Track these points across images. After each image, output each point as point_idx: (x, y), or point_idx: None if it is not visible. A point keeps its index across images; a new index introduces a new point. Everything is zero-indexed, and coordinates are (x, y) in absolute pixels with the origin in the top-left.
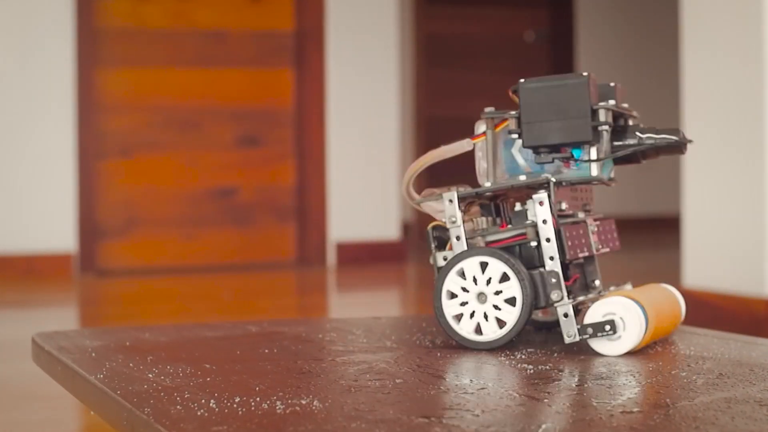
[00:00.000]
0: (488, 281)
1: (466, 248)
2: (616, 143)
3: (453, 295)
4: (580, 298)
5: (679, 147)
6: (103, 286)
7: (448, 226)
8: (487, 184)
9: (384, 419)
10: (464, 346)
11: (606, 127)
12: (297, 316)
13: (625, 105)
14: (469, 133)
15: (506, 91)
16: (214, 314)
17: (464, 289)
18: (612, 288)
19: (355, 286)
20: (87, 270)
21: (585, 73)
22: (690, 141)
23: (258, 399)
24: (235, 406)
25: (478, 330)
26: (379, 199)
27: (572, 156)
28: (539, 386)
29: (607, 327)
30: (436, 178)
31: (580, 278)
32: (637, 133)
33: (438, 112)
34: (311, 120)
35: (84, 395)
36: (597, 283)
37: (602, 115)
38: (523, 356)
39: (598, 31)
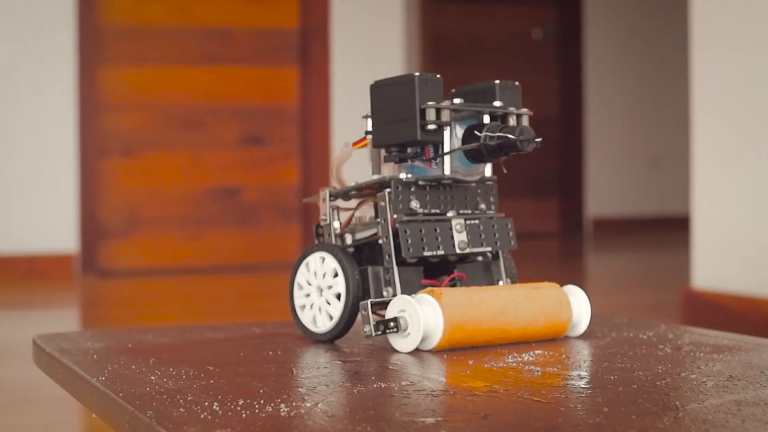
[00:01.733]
0: (323, 275)
1: (322, 243)
2: (464, 142)
3: (300, 287)
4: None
5: (514, 145)
6: (105, 287)
7: (321, 223)
8: (352, 184)
9: (390, 422)
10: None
11: (434, 126)
12: None
13: (498, 103)
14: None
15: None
16: (217, 316)
17: (308, 283)
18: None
19: None
20: (89, 271)
21: (417, 73)
22: (533, 140)
23: (262, 402)
24: (238, 408)
25: (314, 321)
26: None
27: (417, 155)
28: (548, 388)
29: (392, 324)
30: None
31: (476, 278)
32: (476, 132)
33: None
34: (316, 118)
35: (86, 398)
36: (501, 283)
37: (429, 114)
38: (531, 358)
39: (607, 28)
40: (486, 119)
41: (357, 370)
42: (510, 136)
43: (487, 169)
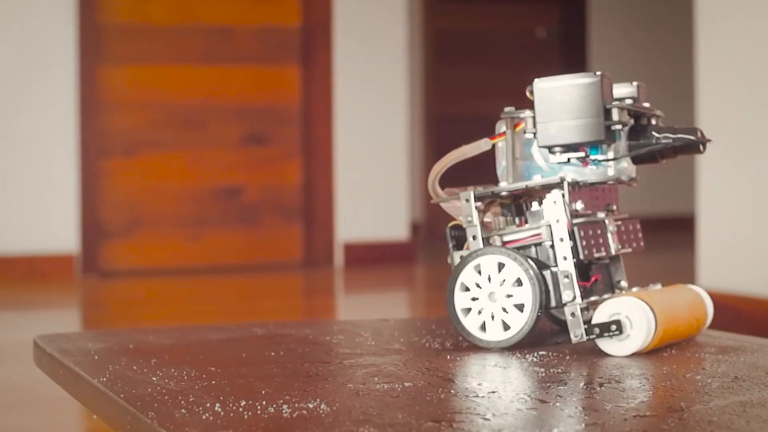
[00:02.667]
0: (502, 282)
1: (490, 246)
2: (632, 143)
3: (466, 289)
4: (593, 298)
5: (696, 146)
6: (105, 288)
7: (464, 225)
8: (504, 184)
9: (393, 423)
10: (471, 343)
11: (619, 127)
12: (304, 318)
13: (647, 104)
14: (481, 129)
15: (523, 90)
16: (219, 316)
17: (478, 285)
18: (635, 289)
19: (363, 287)
20: (89, 271)
21: (598, 72)
22: (709, 140)
23: (264, 402)
24: (240, 409)
25: (483, 327)
26: (388, 199)
27: (587, 155)
28: (551, 389)
29: (613, 327)
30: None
31: (604, 279)
32: (654, 133)
33: (447, 109)
34: (318, 118)
35: (86, 399)
36: (623, 283)
37: (615, 114)
38: (535, 359)
39: (611, 27)
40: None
41: (359, 371)
42: (692, 137)
43: (634, 170)
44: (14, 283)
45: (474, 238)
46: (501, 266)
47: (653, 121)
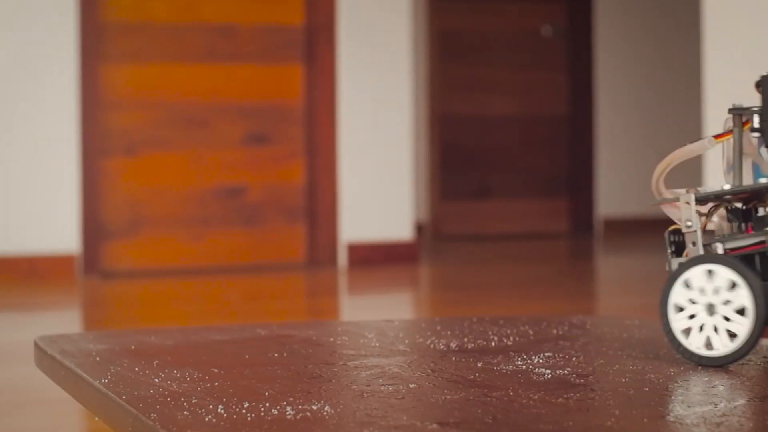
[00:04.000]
0: (716, 291)
1: (701, 254)
2: None
3: (681, 309)
4: None
5: None
6: (107, 288)
7: (683, 230)
8: (727, 187)
9: (397, 425)
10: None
11: None
12: (307, 319)
13: None
14: (485, 129)
15: (526, 89)
16: (221, 317)
17: (692, 301)
18: None
19: (367, 288)
20: (91, 271)
21: None
22: None
23: (267, 404)
24: (243, 411)
25: (709, 345)
26: (392, 199)
27: None
28: (557, 392)
29: None
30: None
31: None
32: None
33: (452, 108)
34: (322, 117)
35: (88, 400)
36: None
37: None
38: (541, 361)
39: (617, 25)
40: None
41: (364, 373)
42: None
43: None
44: (15, 283)
45: (694, 244)
46: (711, 274)
47: None
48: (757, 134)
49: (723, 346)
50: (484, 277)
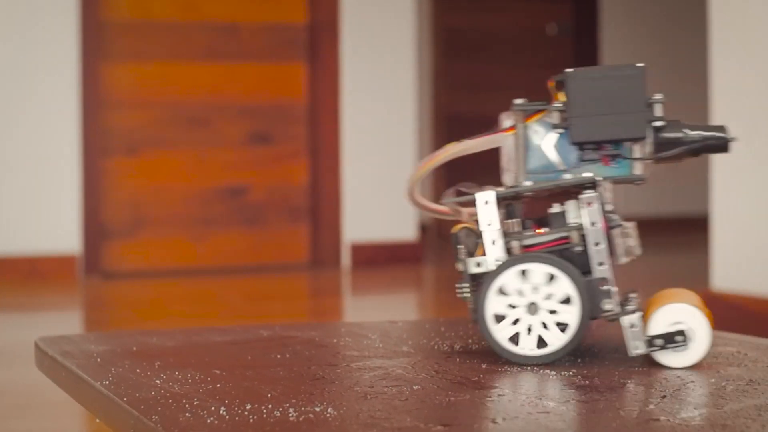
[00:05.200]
0: (534, 289)
1: (503, 253)
2: (661, 140)
3: (501, 318)
4: (631, 307)
5: (725, 146)
6: (108, 289)
7: (482, 229)
8: (527, 183)
9: (401, 427)
10: (486, 347)
11: (659, 123)
12: (310, 320)
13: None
14: (488, 128)
15: (531, 87)
16: (224, 318)
17: (511, 306)
18: (633, 295)
19: (371, 288)
20: (92, 272)
21: (640, 64)
22: (734, 139)
23: (270, 406)
24: (246, 413)
25: (542, 342)
26: (396, 199)
27: (617, 153)
28: (563, 393)
29: (679, 338)
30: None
31: None
32: (685, 130)
33: (456, 107)
34: (325, 116)
35: (89, 402)
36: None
37: (658, 110)
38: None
39: (623, 24)
40: None
41: (367, 374)
42: (723, 135)
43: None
44: (15, 284)
45: (494, 243)
46: (522, 273)
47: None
48: (560, 130)
49: (557, 340)
50: None
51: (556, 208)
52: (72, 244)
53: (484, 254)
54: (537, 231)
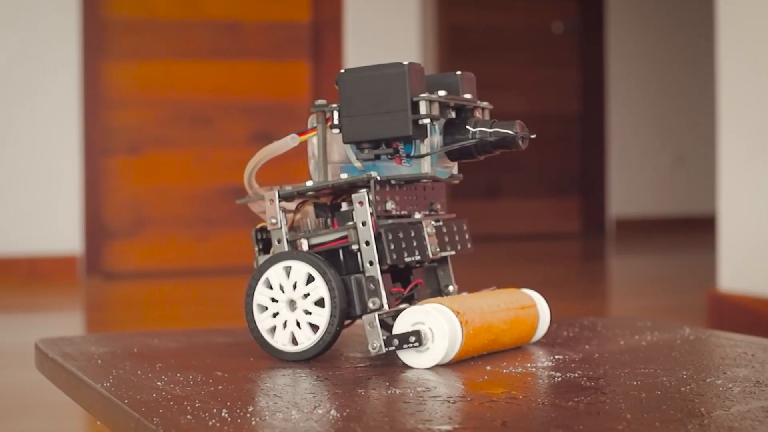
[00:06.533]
0: (294, 286)
1: (279, 252)
2: (447, 138)
3: (264, 308)
4: (402, 306)
5: (514, 142)
6: (109, 290)
7: (269, 227)
8: (309, 183)
9: (405, 429)
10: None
11: (428, 121)
12: None
13: (468, 96)
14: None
15: (535, 87)
16: (226, 319)
17: (273, 300)
18: (465, 294)
19: None
20: (93, 272)
21: (405, 62)
22: (531, 135)
23: (272, 408)
24: (248, 415)
25: (295, 340)
26: None
27: (399, 151)
28: (568, 395)
29: (413, 338)
30: None
31: (430, 284)
32: (468, 127)
33: None
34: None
35: (90, 404)
36: (450, 288)
37: (423, 107)
38: (551, 363)
39: (630, 21)
40: (451, 113)
41: (370, 376)
42: (509, 131)
43: (455, 167)
44: (16, 284)
45: (279, 241)
46: (288, 270)
47: (477, 114)
48: (336, 130)
49: (306, 339)
50: (493, 277)
51: (344, 207)
52: (73, 244)
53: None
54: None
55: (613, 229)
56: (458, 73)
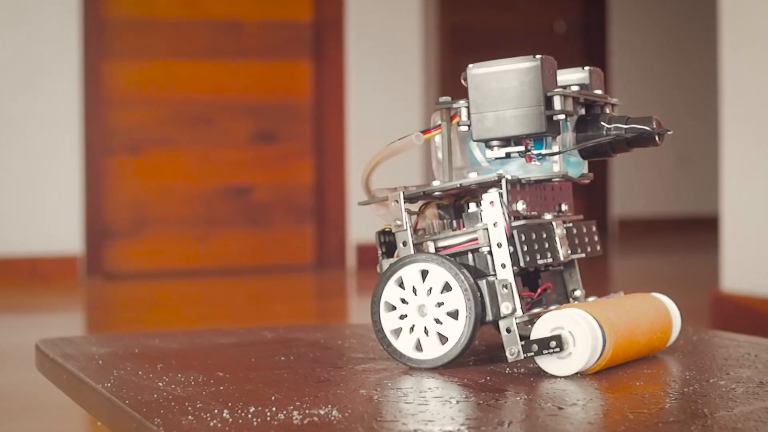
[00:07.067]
0: (429, 291)
1: (412, 254)
2: (579, 135)
3: (392, 307)
4: (536, 310)
5: (651, 138)
6: (110, 290)
7: (393, 230)
8: (435, 183)
9: (406, 430)
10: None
11: (562, 117)
12: (315, 322)
13: (599, 91)
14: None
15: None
16: (227, 320)
17: (403, 301)
18: (591, 299)
19: None
20: (94, 273)
21: (539, 56)
22: (667, 131)
23: (274, 409)
24: (249, 416)
25: (419, 347)
26: None
27: (529, 149)
28: (571, 396)
29: (553, 343)
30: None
31: (557, 288)
32: (603, 123)
33: None
34: (330, 115)
35: (91, 405)
36: (578, 293)
37: (558, 103)
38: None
39: (633, 20)
40: (581, 110)
41: (372, 377)
42: (646, 127)
43: (586, 165)
44: (16, 285)
45: (404, 244)
46: (425, 274)
47: (607, 111)
48: (465, 128)
49: (432, 349)
50: None
51: (472, 208)
52: (73, 244)
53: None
54: (454, 232)
55: (616, 229)
56: (587, 68)
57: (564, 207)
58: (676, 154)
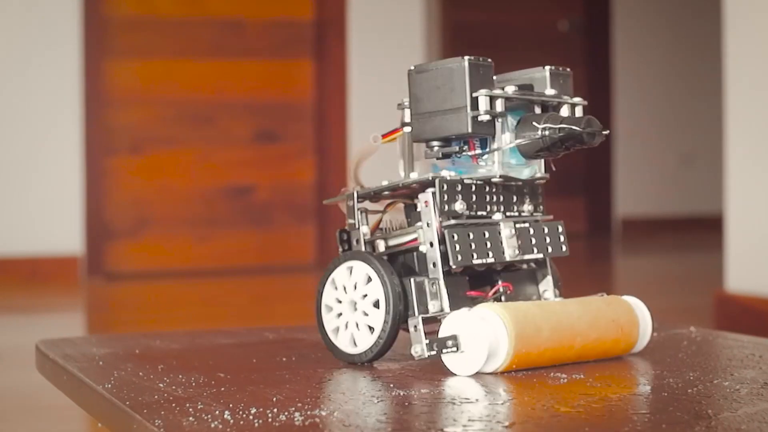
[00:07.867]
0: (355, 287)
1: (343, 252)
2: (518, 135)
3: (330, 308)
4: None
5: (580, 138)
6: (111, 291)
7: (347, 228)
8: (385, 183)
9: (409, 431)
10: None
11: (487, 118)
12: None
13: (552, 91)
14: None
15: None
16: (229, 320)
17: (338, 300)
18: (557, 299)
19: None
20: (94, 273)
21: (468, 57)
22: (602, 131)
23: (275, 410)
24: (251, 417)
25: (354, 342)
26: None
27: (462, 150)
28: (573, 397)
29: (450, 342)
30: None
31: (525, 288)
32: (535, 124)
33: None
34: (332, 114)
35: (91, 406)
36: (548, 294)
37: (483, 104)
38: (556, 365)
39: (636, 19)
40: (537, 109)
41: (373, 378)
42: (575, 127)
43: (540, 166)
44: (16, 285)
45: (357, 242)
46: (350, 270)
47: (565, 111)
48: (409, 128)
49: (363, 341)
50: None
51: (419, 208)
52: (74, 244)
53: None
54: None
55: (620, 229)
56: (547, 68)
57: (528, 207)
58: (680, 153)
